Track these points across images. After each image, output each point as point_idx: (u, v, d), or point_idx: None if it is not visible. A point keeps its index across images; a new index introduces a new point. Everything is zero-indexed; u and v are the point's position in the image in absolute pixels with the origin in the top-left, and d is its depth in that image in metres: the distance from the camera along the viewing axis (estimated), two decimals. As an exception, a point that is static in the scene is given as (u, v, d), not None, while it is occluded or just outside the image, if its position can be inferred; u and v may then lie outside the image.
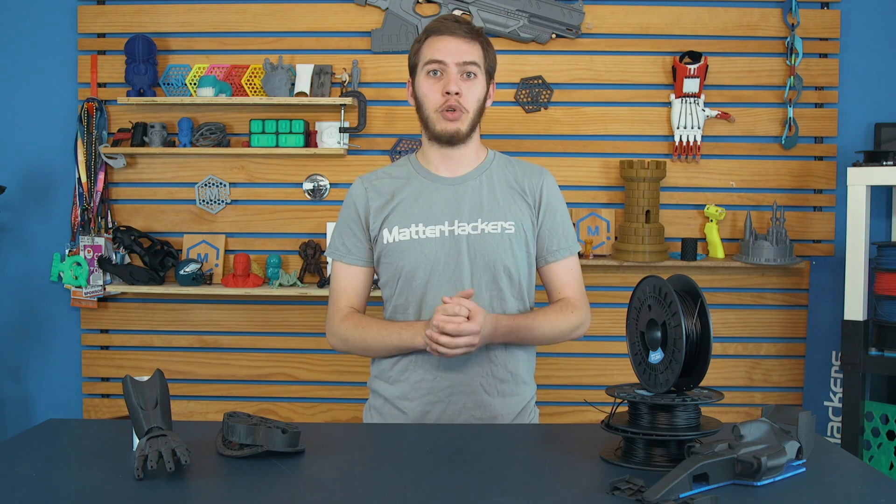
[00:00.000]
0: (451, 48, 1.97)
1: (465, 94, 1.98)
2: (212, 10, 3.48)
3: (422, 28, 3.39)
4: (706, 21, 3.44)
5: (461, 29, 1.99)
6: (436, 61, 1.98)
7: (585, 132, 3.47)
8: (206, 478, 1.46)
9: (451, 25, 2.00)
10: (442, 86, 1.97)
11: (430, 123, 2.01)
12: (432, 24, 2.03)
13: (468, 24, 2.03)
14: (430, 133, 2.02)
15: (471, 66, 1.98)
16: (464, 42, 1.98)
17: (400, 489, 1.42)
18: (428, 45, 2.00)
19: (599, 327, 3.48)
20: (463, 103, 1.98)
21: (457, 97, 1.96)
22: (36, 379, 3.60)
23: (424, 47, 2.01)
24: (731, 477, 1.41)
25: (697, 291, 1.57)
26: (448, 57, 1.97)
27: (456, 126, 1.98)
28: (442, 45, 1.98)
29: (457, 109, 1.97)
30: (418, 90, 2.02)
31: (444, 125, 1.99)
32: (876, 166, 3.09)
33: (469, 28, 2.01)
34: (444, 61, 1.97)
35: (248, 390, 3.55)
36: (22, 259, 3.56)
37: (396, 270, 2.00)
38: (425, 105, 2.01)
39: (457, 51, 1.97)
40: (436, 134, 2.00)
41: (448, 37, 1.98)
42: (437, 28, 2.01)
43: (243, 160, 3.50)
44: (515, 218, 2.01)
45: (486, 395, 1.99)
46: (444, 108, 1.97)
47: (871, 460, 3.14)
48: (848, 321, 3.09)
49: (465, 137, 2.01)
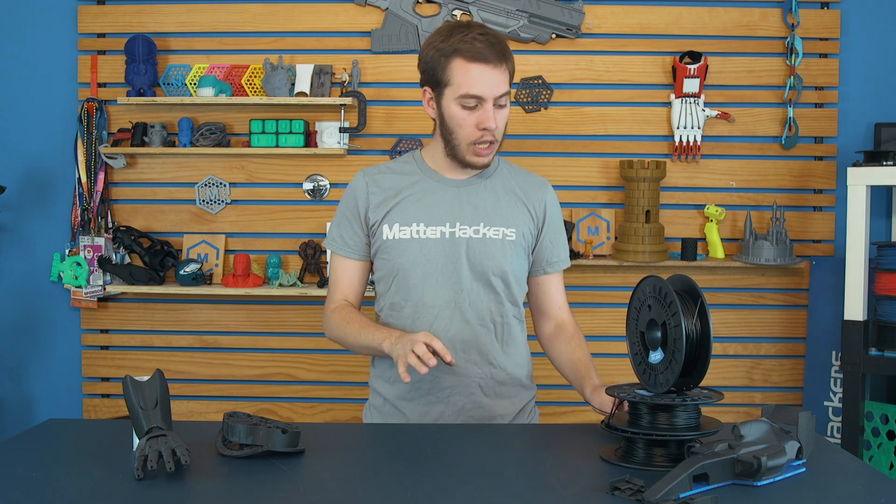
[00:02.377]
0: (488, 82, 1.88)
1: (499, 124, 1.93)
2: (212, 10, 3.48)
3: (422, 29, 3.40)
4: (706, 21, 3.44)
5: (494, 54, 1.88)
6: (473, 96, 1.88)
7: (585, 132, 3.47)
8: (206, 478, 1.46)
9: (484, 51, 1.87)
10: (477, 119, 1.90)
11: (458, 151, 1.96)
12: (461, 45, 1.88)
13: (497, 41, 1.90)
14: (456, 158, 1.97)
15: (504, 98, 1.92)
16: (500, 71, 1.89)
17: (400, 489, 1.42)
18: (461, 70, 1.88)
19: (599, 327, 3.48)
20: (496, 136, 1.94)
21: (493, 131, 1.93)
22: (36, 379, 3.60)
23: (457, 71, 1.88)
24: (731, 477, 1.41)
25: (697, 291, 1.57)
26: (487, 91, 1.88)
27: (489, 159, 1.97)
28: (479, 77, 1.87)
29: (493, 143, 1.94)
30: (448, 114, 1.93)
31: (475, 159, 1.95)
32: (876, 166, 3.09)
33: (500, 49, 1.89)
34: (483, 96, 1.88)
35: (248, 390, 3.55)
36: (22, 259, 3.56)
37: (393, 268, 2.00)
38: (457, 134, 1.93)
39: (494, 83, 1.88)
40: (464, 163, 1.97)
41: (483, 66, 1.87)
42: (470, 52, 1.87)
43: (243, 160, 3.50)
44: (517, 225, 2.01)
45: (485, 396, 1.99)
46: (480, 142, 1.93)
47: (871, 460, 3.14)
48: (848, 321, 3.09)
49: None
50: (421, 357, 1.72)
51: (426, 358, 1.72)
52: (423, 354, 1.72)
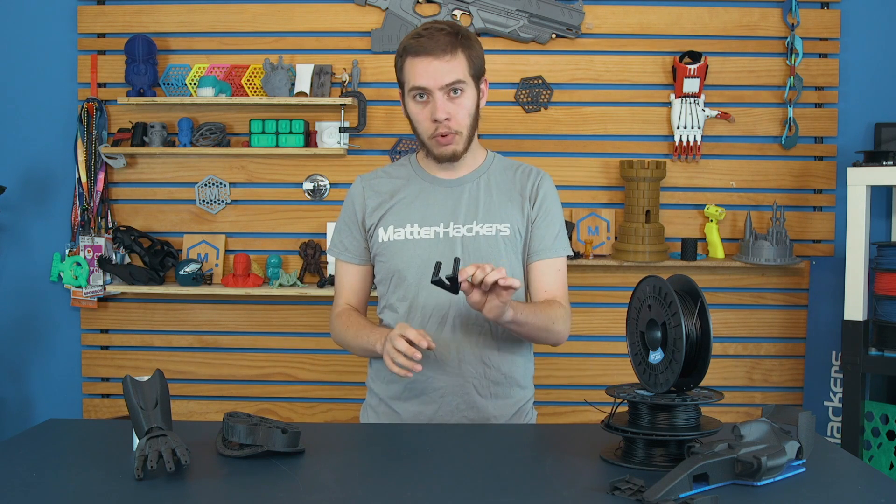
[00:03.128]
0: (431, 72, 1.89)
1: (455, 114, 1.93)
2: (212, 10, 3.48)
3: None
4: (706, 21, 3.44)
5: (438, 46, 1.89)
6: (419, 88, 1.91)
7: (585, 132, 3.47)
8: (206, 478, 1.46)
9: (427, 44, 1.89)
10: (429, 112, 1.93)
11: (426, 146, 1.99)
12: (409, 42, 1.93)
13: (445, 32, 1.91)
14: (431, 153, 2.00)
15: (456, 85, 1.92)
16: (444, 62, 1.89)
17: (400, 489, 1.42)
18: (409, 66, 1.92)
19: (599, 327, 3.48)
20: (454, 126, 1.94)
21: (447, 122, 1.93)
22: (36, 379, 3.60)
23: (407, 68, 1.93)
24: (731, 477, 1.41)
25: (697, 291, 1.57)
26: (430, 82, 1.89)
27: (451, 149, 1.96)
28: (423, 69, 1.90)
29: (448, 134, 1.94)
30: (409, 112, 1.98)
31: (439, 150, 1.97)
32: (876, 166, 3.09)
33: (447, 40, 1.90)
34: (428, 87, 1.90)
35: (248, 390, 3.55)
36: (22, 259, 3.56)
37: (390, 269, 2.01)
38: (418, 130, 1.98)
39: (437, 73, 1.89)
40: (434, 156, 1.99)
41: (425, 58, 1.89)
42: (414, 48, 1.91)
43: (243, 160, 3.50)
44: (511, 220, 2.01)
45: (479, 396, 1.99)
46: (437, 135, 1.94)
47: (871, 460, 3.14)
48: (848, 321, 3.09)
49: (463, 153, 1.99)
50: (405, 353, 1.74)
51: (410, 353, 1.74)
52: (405, 350, 1.74)
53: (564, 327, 1.98)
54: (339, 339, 2.06)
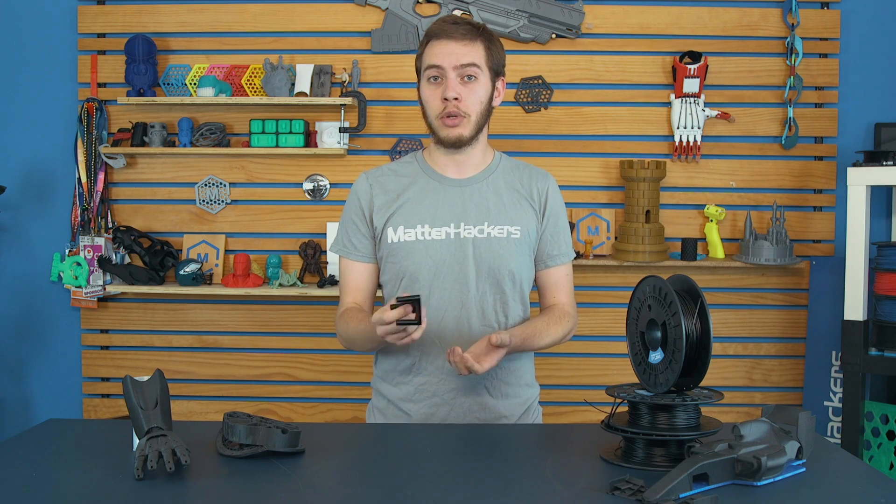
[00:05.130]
0: (447, 52, 1.93)
1: (466, 97, 1.95)
2: (212, 10, 3.48)
3: (422, 28, 3.40)
4: (706, 21, 3.44)
5: (459, 30, 1.94)
6: (434, 66, 1.95)
7: (585, 132, 3.47)
8: (206, 478, 1.46)
9: (449, 28, 1.95)
10: (441, 91, 1.95)
11: (433, 129, 1.99)
12: (432, 27, 1.99)
13: (468, 23, 1.97)
14: (437, 138, 2.00)
15: (470, 69, 1.94)
16: (461, 45, 1.94)
17: (400, 489, 1.42)
18: (428, 49, 1.97)
19: (599, 327, 3.48)
20: (463, 108, 1.95)
21: (456, 102, 1.94)
22: (36, 379, 3.60)
23: (426, 51, 1.98)
24: (731, 477, 1.41)
25: (697, 291, 1.57)
26: (445, 61, 1.93)
27: (458, 132, 1.96)
28: (440, 49, 1.94)
29: (456, 115, 1.95)
30: (423, 95, 2.00)
31: (445, 132, 1.97)
32: (876, 166, 3.09)
33: (468, 28, 1.96)
34: (442, 66, 1.94)
35: (248, 390, 3.55)
36: (22, 259, 3.56)
37: (400, 270, 1.99)
38: (428, 111, 1.99)
39: (454, 54, 1.93)
40: (440, 140, 1.99)
41: (445, 40, 1.94)
42: (436, 31, 1.97)
43: (243, 160, 3.50)
44: (521, 223, 2.01)
45: (491, 397, 1.99)
46: (444, 115, 1.95)
47: (871, 460, 3.14)
48: (848, 321, 3.09)
49: (470, 141, 1.99)
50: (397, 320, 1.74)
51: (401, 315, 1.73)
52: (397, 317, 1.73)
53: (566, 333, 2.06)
54: (344, 336, 2.03)
